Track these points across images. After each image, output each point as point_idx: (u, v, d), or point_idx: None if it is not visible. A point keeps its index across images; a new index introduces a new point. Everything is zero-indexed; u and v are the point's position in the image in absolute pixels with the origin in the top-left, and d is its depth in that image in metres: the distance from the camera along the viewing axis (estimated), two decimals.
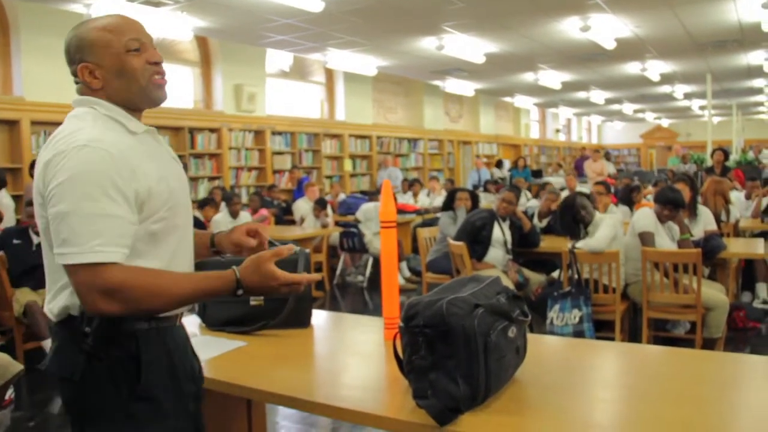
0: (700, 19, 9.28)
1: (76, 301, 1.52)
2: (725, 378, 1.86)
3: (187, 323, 2.01)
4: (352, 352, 2.33)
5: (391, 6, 8.18)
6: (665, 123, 27.62)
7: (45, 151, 1.53)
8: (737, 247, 5.44)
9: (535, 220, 6.16)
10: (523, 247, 5.51)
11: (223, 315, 2.48)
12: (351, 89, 13.02)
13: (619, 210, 6.61)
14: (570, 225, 5.08)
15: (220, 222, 7.15)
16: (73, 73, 1.64)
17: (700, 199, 5.66)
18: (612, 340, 4.55)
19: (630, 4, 8.42)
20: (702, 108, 21.26)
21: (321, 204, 8.08)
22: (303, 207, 8.37)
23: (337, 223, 8.52)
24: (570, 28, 9.49)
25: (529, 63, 12.70)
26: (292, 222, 8.54)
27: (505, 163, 16.87)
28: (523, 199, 9.12)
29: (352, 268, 8.95)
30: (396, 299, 2.29)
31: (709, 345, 4.54)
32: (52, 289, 1.59)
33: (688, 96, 18.58)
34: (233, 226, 1.93)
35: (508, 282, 4.95)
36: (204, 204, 7.56)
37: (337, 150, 12.62)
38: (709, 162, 11.48)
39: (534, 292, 5.06)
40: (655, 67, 13.39)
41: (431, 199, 10.86)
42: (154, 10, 7.70)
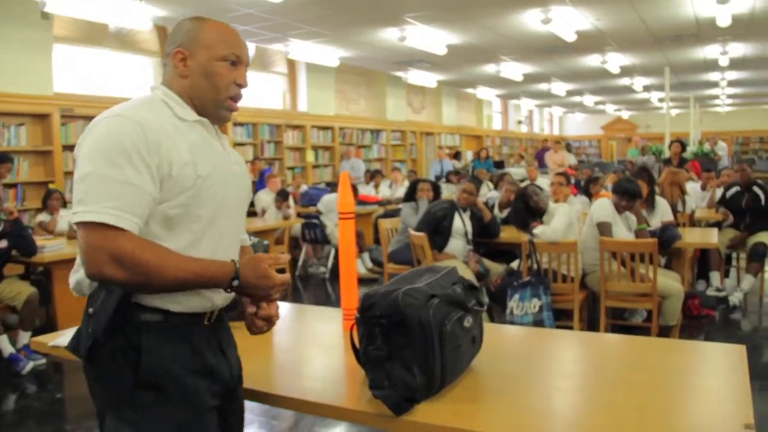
0: (657, 12, 9.42)
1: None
2: (680, 365, 1.90)
3: None
4: (313, 344, 2.33)
5: None
6: (625, 115, 28.03)
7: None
8: (692, 237, 5.55)
9: (496, 210, 6.21)
10: (484, 237, 5.55)
11: None
12: (313, 80, 12.93)
13: (578, 200, 6.70)
14: (521, 213, 5.14)
15: None
16: (166, 53, 1.66)
17: (657, 189, 5.75)
18: (571, 328, 4.62)
19: None
20: (660, 100, 21.62)
21: (283, 195, 8.03)
22: (264, 198, 8.31)
23: (299, 215, 8.48)
24: (531, 20, 9.55)
25: (491, 55, 12.76)
26: (254, 214, 8.47)
27: (467, 154, 16.94)
28: (484, 190, 9.20)
29: (314, 259, 8.94)
30: (354, 290, 2.30)
31: (664, 332, 4.63)
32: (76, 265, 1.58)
33: (647, 88, 18.87)
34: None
35: (467, 272, 4.99)
36: None
37: (299, 141, 12.54)
38: (666, 153, 11.68)
39: (494, 282, 5.10)
40: (614, 60, 13.54)
41: (393, 190, 10.87)
42: None
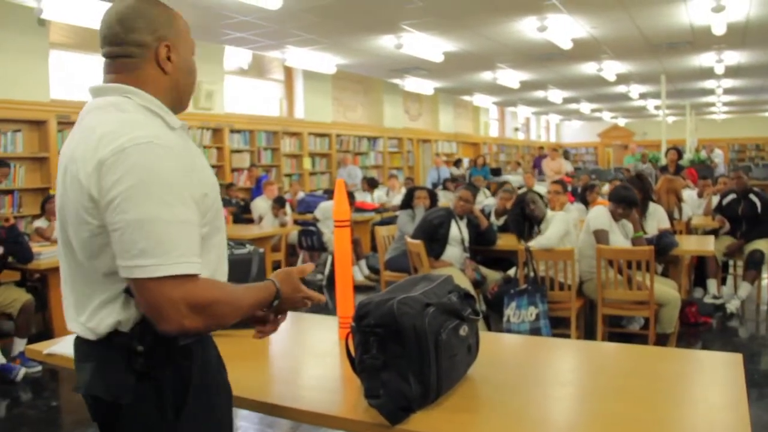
0: (653, 21, 9.44)
1: (130, 316, 1.37)
2: (676, 374, 1.90)
3: None
4: (309, 352, 2.32)
5: (349, 4, 8.16)
6: (622, 122, 28.08)
7: (93, 150, 1.31)
8: (689, 245, 5.55)
9: (492, 218, 6.21)
10: (480, 245, 5.54)
11: None
12: (310, 87, 12.95)
13: (575, 208, 6.70)
14: (518, 220, 5.14)
15: None
16: (131, 43, 1.46)
17: (654, 196, 5.76)
18: (568, 336, 4.61)
19: (586, 5, 8.53)
20: (657, 108, 21.65)
21: (280, 202, 8.02)
22: (261, 205, 8.30)
23: (295, 222, 8.48)
24: (527, 28, 9.57)
25: (488, 62, 12.79)
26: (251, 221, 8.47)
27: (464, 161, 16.95)
28: (481, 197, 9.19)
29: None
30: (350, 298, 2.29)
31: (662, 340, 4.62)
32: (88, 305, 1.41)
33: (643, 96, 18.91)
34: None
35: (464, 280, 4.98)
36: None
37: (296, 148, 12.54)
38: (663, 161, 11.70)
39: (491, 290, 5.09)
40: (611, 68, 13.58)
41: (390, 197, 10.87)
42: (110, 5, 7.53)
